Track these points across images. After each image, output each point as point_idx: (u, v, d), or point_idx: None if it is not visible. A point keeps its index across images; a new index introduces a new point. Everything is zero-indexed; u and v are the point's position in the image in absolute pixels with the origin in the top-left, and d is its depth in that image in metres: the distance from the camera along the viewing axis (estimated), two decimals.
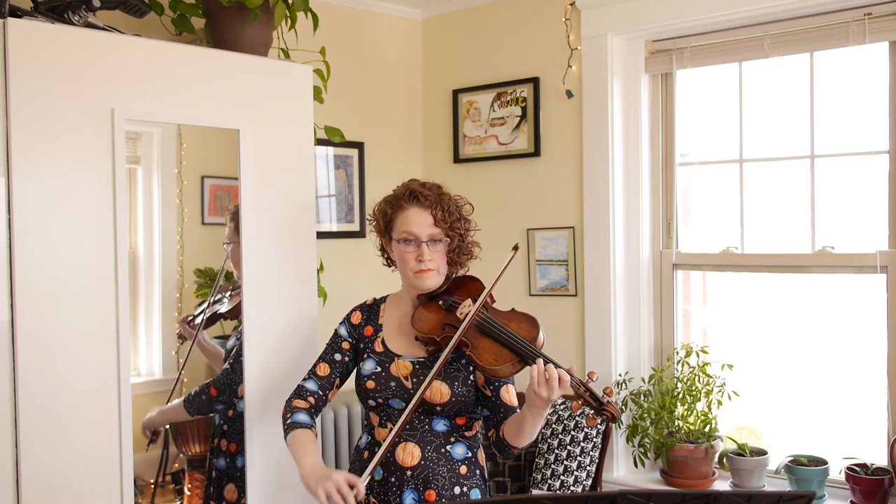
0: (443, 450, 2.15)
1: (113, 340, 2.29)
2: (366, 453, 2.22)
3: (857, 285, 3.01)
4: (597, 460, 3.09)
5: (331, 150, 3.52)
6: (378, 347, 2.24)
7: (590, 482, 3.08)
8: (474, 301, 2.17)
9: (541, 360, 1.96)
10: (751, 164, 3.22)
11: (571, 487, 3.03)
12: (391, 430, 2.10)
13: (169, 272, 2.69)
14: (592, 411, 1.96)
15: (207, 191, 2.76)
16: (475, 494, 2.17)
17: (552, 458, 3.07)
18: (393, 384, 2.16)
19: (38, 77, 2.16)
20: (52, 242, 2.19)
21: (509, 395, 2.18)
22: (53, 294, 2.19)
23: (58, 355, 2.20)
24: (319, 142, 3.20)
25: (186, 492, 2.68)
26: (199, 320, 2.69)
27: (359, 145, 3.63)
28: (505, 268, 2.18)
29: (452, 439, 2.17)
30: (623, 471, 3.34)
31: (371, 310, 2.33)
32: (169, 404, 2.63)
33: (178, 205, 2.69)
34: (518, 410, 2.16)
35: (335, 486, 1.93)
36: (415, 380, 2.16)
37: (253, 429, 2.57)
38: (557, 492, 3.01)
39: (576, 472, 3.04)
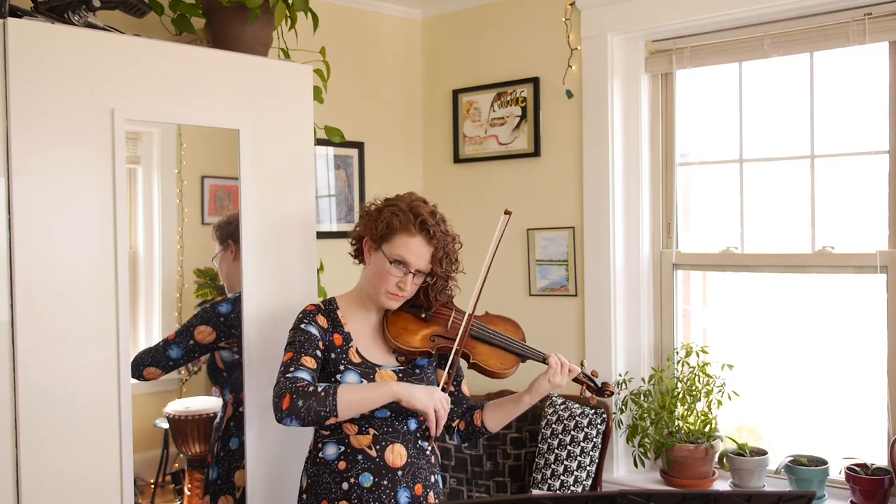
0: (417, 445, 2.24)
1: (113, 340, 2.29)
2: (341, 464, 2.16)
3: (857, 285, 3.01)
4: (597, 460, 3.09)
5: (331, 150, 3.52)
6: (354, 358, 2.19)
7: (590, 482, 3.08)
8: (456, 310, 2.28)
9: (555, 355, 2.22)
10: (751, 164, 3.22)
11: (571, 487, 3.03)
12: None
13: (169, 272, 2.69)
14: (592, 393, 2.28)
15: (207, 191, 2.76)
16: (439, 479, 2.34)
17: (552, 458, 3.07)
18: None
19: (38, 77, 2.16)
20: (52, 242, 2.19)
21: (467, 387, 2.40)
22: (53, 294, 2.19)
23: (58, 355, 2.19)
24: (319, 142, 3.20)
25: (186, 492, 2.68)
26: None
27: (359, 145, 3.63)
28: (500, 236, 2.18)
29: (419, 434, 2.24)
30: (623, 471, 3.34)
31: (329, 315, 2.23)
32: None
33: (178, 205, 2.69)
34: (471, 401, 2.36)
35: (441, 404, 2.07)
36: None
37: (253, 428, 2.57)
38: (557, 492, 3.01)
39: (576, 472, 3.04)
